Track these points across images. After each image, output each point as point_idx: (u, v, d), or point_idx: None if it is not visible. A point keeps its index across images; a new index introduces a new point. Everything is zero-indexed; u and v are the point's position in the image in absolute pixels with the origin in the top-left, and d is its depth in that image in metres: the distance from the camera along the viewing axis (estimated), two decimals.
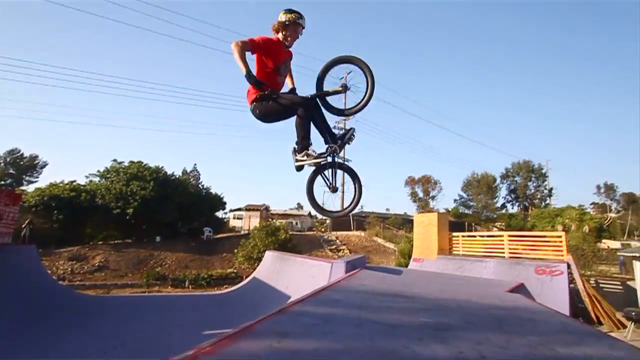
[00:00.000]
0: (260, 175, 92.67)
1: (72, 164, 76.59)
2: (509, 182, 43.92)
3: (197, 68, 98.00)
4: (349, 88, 3.20)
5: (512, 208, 43.78)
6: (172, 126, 79.80)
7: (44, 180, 37.56)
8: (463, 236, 13.08)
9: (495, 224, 36.23)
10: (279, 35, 3.12)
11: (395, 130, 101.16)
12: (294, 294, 6.30)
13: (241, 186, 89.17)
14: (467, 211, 41.18)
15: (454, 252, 12.61)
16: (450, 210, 40.31)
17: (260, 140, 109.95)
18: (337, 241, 25.90)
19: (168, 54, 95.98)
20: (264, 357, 1.35)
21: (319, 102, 3.22)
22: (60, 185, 21.62)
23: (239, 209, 36.47)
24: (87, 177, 23.33)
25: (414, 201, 42.13)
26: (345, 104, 3.47)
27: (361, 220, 31.08)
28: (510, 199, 44.06)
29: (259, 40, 2.96)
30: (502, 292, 5.07)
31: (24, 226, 16.14)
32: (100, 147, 72.37)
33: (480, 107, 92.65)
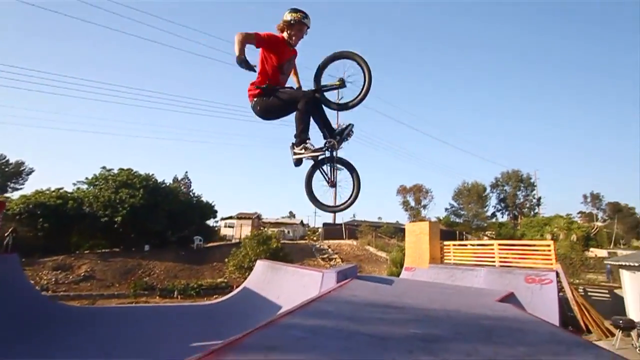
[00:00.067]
0: (253, 183, 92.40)
1: (60, 172, 75.27)
2: (498, 192, 44.60)
3: (190, 76, 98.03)
4: (346, 83, 3.19)
5: (502, 217, 44.40)
6: (164, 134, 79.43)
7: (29, 187, 36.79)
8: (454, 245, 13.18)
9: (486, 233, 36.58)
10: (283, 34, 3.15)
11: (386, 139, 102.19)
12: (285, 304, 6.22)
13: (233, 194, 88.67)
14: (458, 220, 41.55)
15: (446, 261, 12.66)
16: (441, 219, 40.61)
17: (253, 149, 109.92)
18: (329, 250, 25.77)
19: (159, 61, 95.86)
20: None
21: (318, 96, 3.23)
22: (47, 192, 21.13)
23: (231, 217, 36.11)
24: (74, 184, 22.91)
25: (406, 210, 42.39)
26: (340, 99, 3.45)
27: (353, 229, 31.05)
28: (500, 208, 44.69)
29: (265, 35, 2.99)
30: (492, 301, 5.10)
31: (7, 235, 15.69)
32: (90, 154, 71.41)
33: (470, 118, 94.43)
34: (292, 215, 55.73)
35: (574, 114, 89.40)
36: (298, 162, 3.22)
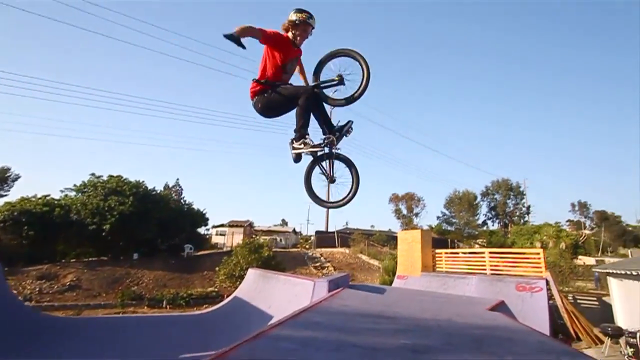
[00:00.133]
0: (245, 190, 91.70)
1: (48, 179, 73.68)
2: (489, 200, 45.20)
3: (185, 83, 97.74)
4: (344, 80, 3.21)
5: (493, 225, 44.89)
6: (156, 140, 78.60)
7: (15, 194, 35.89)
8: (446, 253, 13.25)
9: (477, 241, 36.88)
10: (288, 34, 3.18)
11: (378, 147, 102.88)
12: (276, 313, 6.14)
13: (225, 202, 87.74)
14: (449, 228, 41.84)
15: (437, 269, 12.71)
16: (433, 227, 40.86)
17: (246, 156, 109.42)
18: (322, 258, 25.62)
19: (151, 68, 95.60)
20: None
21: (318, 92, 3.25)
22: (33, 199, 20.65)
23: (222, 225, 35.72)
24: (62, 191, 22.45)
25: (398, 218, 42.53)
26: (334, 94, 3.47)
27: (346, 237, 31.00)
28: (490, 216, 45.23)
29: (271, 32, 3.03)
30: (483, 310, 5.12)
31: None
32: (80, 161, 70.25)
33: (461, 126, 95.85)
34: (284, 223, 55.36)
35: (561, 122, 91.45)
36: (297, 158, 3.23)
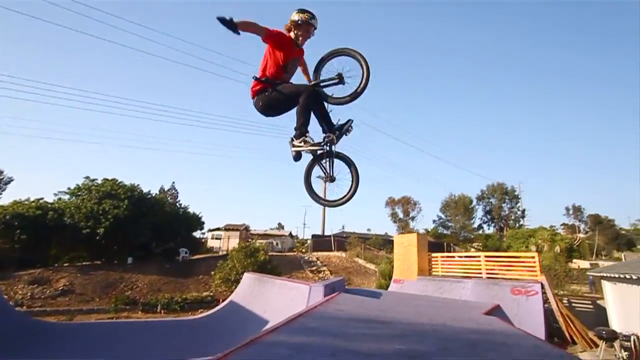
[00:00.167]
0: (241, 194, 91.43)
1: (41, 182, 72.91)
2: (484, 204, 45.36)
3: (180, 87, 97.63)
4: (344, 79, 3.20)
5: (488, 229, 45.03)
6: (152, 144, 78.13)
7: (7, 197, 35.47)
8: (442, 257, 13.27)
9: (473, 244, 37.00)
10: (291, 34, 3.19)
11: (374, 151, 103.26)
12: (271, 318, 6.09)
13: (221, 205, 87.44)
14: (445, 232, 41.91)
15: (434, 273, 12.72)
16: (429, 230, 40.89)
17: (243, 160, 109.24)
18: (318, 262, 25.55)
19: (149, 72, 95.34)
20: None
21: (319, 90, 3.26)
22: (26, 203, 20.40)
23: (218, 229, 35.53)
24: (55, 194, 22.20)
25: (395, 222, 42.54)
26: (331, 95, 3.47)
27: (342, 241, 30.96)
28: (486, 219, 45.38)
29: (274, 31, 3.04)
30: (478, 314, 5.11)
31: None
32: (75, 164, 69.61)
33: (457, 130, 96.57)
34: (280, 226, 55.29)
35: (555, 126, 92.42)
36: (297, 156, 3.23)
